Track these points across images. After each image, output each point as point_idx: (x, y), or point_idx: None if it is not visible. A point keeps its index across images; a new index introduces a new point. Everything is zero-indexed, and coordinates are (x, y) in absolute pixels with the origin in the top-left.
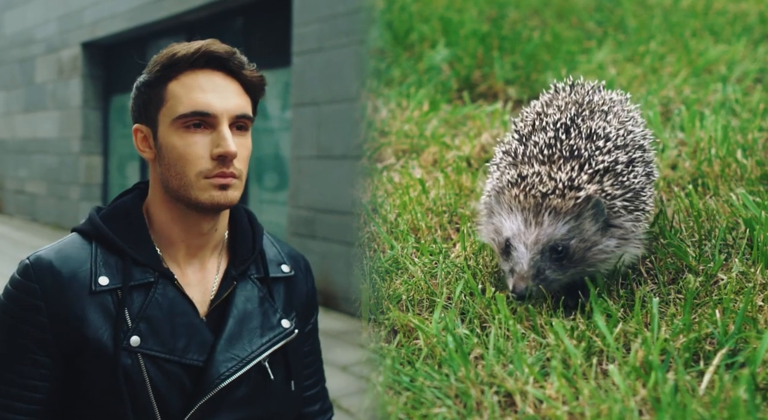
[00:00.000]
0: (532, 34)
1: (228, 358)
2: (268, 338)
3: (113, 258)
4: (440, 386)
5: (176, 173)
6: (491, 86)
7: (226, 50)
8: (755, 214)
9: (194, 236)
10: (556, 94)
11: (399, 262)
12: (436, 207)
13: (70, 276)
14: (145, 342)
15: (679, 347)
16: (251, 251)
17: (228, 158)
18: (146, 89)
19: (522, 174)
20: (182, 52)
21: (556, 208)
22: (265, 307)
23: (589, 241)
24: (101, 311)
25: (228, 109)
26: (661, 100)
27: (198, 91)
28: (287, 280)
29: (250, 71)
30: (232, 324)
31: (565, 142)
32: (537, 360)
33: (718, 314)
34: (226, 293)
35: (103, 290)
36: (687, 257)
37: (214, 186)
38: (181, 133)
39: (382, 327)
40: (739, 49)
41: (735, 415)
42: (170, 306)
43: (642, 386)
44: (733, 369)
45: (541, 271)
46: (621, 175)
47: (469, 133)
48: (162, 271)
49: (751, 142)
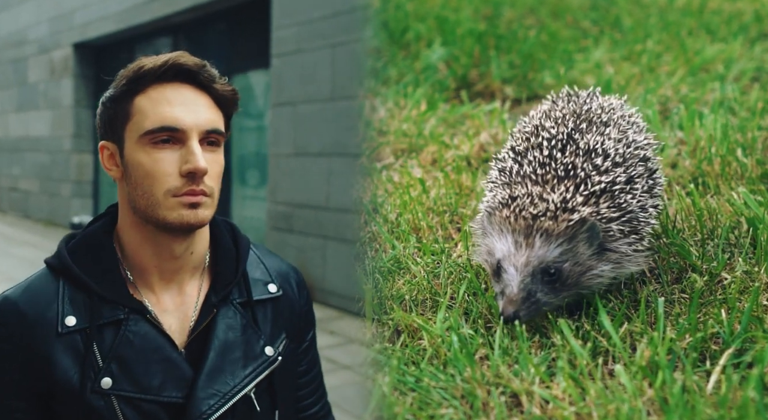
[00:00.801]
0: (528, 33)
1: (210, 394)
2: (252, 369)
3: (81, 295)
4: (446, 387)
5: (143, 192)
6: (488, 85)
7: (196, 63)
8: (757, 213)
9: (167, 260)
10: (554, 105)
11: (401, 262)
12: (437, 206)
13: (36, 317)
14: (117, 383)
15: (685, 347)
16: (233, 274)
17: (198, 175)
18: (112, 104)
19: (513, 195)
20: (149, 65)
21: (548, 230)
22: (248, 334)
23: (584, 266)
24: (70, 352)
25: (198, 123)
26: (659, 99)
27: (165, 105)
28: (275, 301)
29: (221, 84)
30: (213, 356)
31: (560, 160)
32: (542, 360)
33: (723, 314)
34: (205, 322)
35: (71, 331)
36: (690, 257)
37: (183, 204)
38: (148, 149)
39: (386, 327)
40: (735, 48)
41: (744, 416)
42: (142, 342)
43: (649, 386)
44: (741, 369)
45: (531, 294)
46: (618, 198)
47: (467, 132)
48: (132, 306)
49: (751, 140)
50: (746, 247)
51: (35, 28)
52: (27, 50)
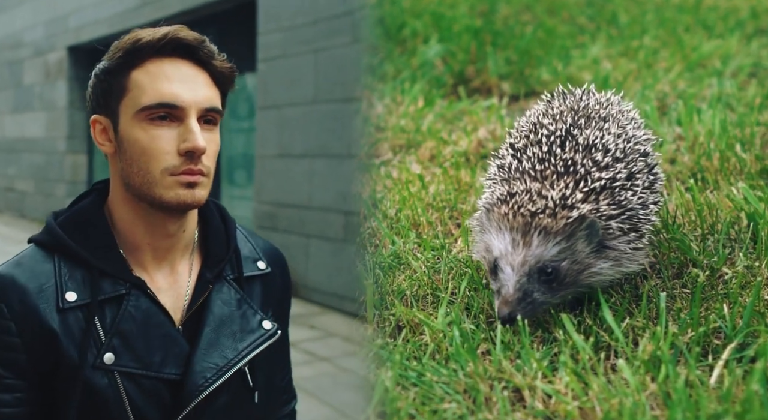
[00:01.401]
0: (524, 29)
1: (206, 367)
2: (249, 342)
3: (79, 271)
4: (449, 381)
5: (139, 169)
6: (485, 81)
7: (195, 38)
8: (757, 209)
9: (160, 238)
10: (550, 103)
11: (401, 257)
12: (436, 202)
13: (37, 294)
14: (120, 358)
15: (687, 342)
16: (226, 251)
17: (196, 154)
18: (106, 77)
19: (511, 191)
20: (147, 37)
21: (546, 227)
22: (244, 309)
23: (582, 264)
24: (71, 328)
25: (197, 101)
26: (657, 94)
27: (164, 81)
28: (264, 278)
29: (221, 61)
30: (208, 331)
31: (560, 156)
32: (545, 355)
33: (725, 308)
34: (201, 299)
35: (72, 306)
36: (691, 252)
37: (181, 184)
38: (144, 125)
39: (387, 323)
40: (732, 44)
41: (748, 409)
42: (144, 318)
43: (652, 381)
44: (743, 363)
45: (528, 293)
46: (618, 195)
47: (465, 128)
48: (133, 281)
49: (750, 136)
50: (747, 243)
51: (31, 31)
52: (23, 53)
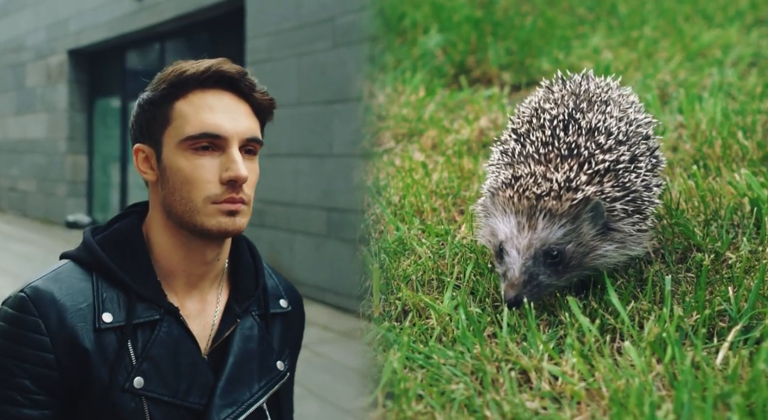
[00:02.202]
0: (524, 19)
1: (229, 402)
2: (266, 381)
3: (115, 292)
4: (456, 363)
5: (182, 198)
6: (486, 72)
7: (238, 70)
8: (760, 195)
9: (197, 265)
10: (549, 90)
11: (405, 243)
12: (439, 189)
13: (73, 310)
14: (149, 383)
15: (693, 324)
16: (255, 286)
17: (239, 183)
18: (150, 107)
19: (516, 174)
20: (191, 70)
21: (551, 210)
22: (264, 347)
23: (587, 246)
24: (104, 349)
25: (238, 131)
26: (658, 83)
27: (207, 112)
28: (284, 316)
29: (261, 93)
30: (232, 364)
31: (563, 140)
32: (551, 338)
33: (731, 291)
34: (229, 331)
35: (108, 327)
36: (695, 237)
37: (222, 212)
38: (188, 155)
39: (393, 307)
40: (732, 34)
41: (755, 388)
42: (175, 345)
43: (658, 362)
44: (749, 345)
45: (534, 276)
46: (622, 177)
47: (467, 116)
48: (167, 308)
49: (751, 124)
50: (750, 228)
51: (33, 35)
52: (25, 56)
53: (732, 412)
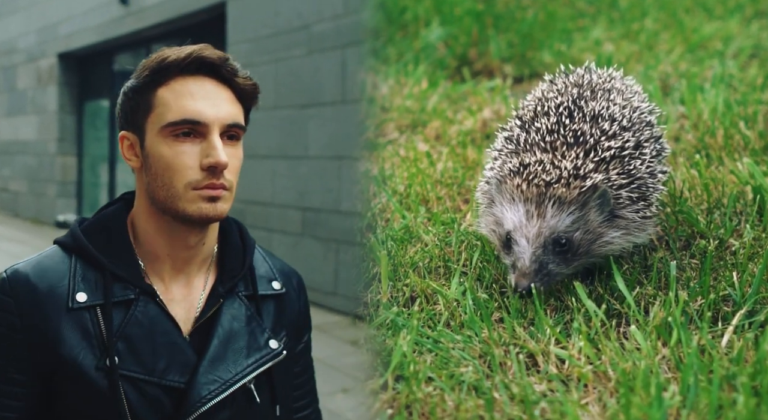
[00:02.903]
0: (525, 13)
1: (211, 379)
2: (255, 359)
3: (93, 273)
4: (464, 347)
5: (163, 183)
6: (487, 64)
7: (219, 56)
8: (763, 183)
9: (180, 249)
10: (552, 83)
11: (412, 231)
12: (444, 179)
13: (47, 290)
14: (123, 362)
15: (698, 308)
16: (240, 267)
17: (218, 169)
18: (134, 95)
19: (524, 162)
20: (173, 56)
21: (561, 198)
22: (253, 326)
23: (595, 233)
24: (78, 329)
25: (219, 117)
26: (659, 75)
27: (188, 98)
28: (278, 298)
29: (244, 78)
30: (216, 344)
31: (569, 127)
32: (557, 322)
33: (735, 277)
34: (211, 311)
35: (81, 307)
36: (698, 224)
37: (203, 198)
38: (169, 141)
39: (400, 294)
40: (732, 26)
41: (761, 370)
42: (151, 324)
43: (663, 346)
44: (753, 328)
45: (543, 265)
46: (628, 164)
47: (470, 107)
48: (143, 288)
49: (753, 114)
50: (753, 215)
51: (24, 38)
52: (16, 59)
53: (738, 393)
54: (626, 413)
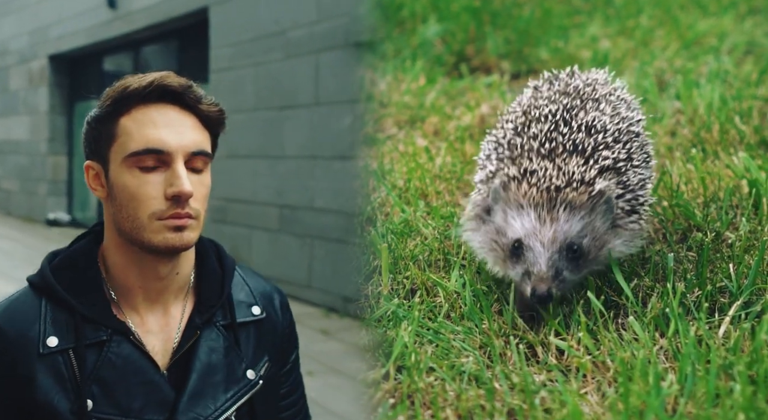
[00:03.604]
0: (521, 9)
1: (191, 417)
2: (233, 393)
3: (63, 314)
4: (465, 338)
5: (128, 214)
6: (485, 60)
7: (181, 83)
8: (758, 177)
9: (152, 281)
10: (538, 90)
11: (411, 225)
12: (443, 174)
13: (17, 336)
14: (98, 406)
15: (695, 300)
16: (218, 296)
17: (182, 198)
18: (96, 124)
19: (528, 168)
20: (134, 85)
21: (572, 202)
22: (231, 358)
23: (601, 240)
24: (52, 373)
25: (183, 145)
26: (655, 71)
27: (151, 127)
28: (258, 323)
29: (207, 105)
30: (195, 379)
31: (567, 135)
32: (556, 313)
33: (731, 268)
34: (188, 344)
35: (52, 352)
36: (695, 217)
37: (168, 227)
38: (133, 171)
39: (401, 286)
40: (727, 23)
41: (757, 359)
42: (125, 364)
43: (661, 336)
44: (749, 319)
45: (559, 271)
46: (623, 175)
47: (468, 103)
48: (115, 327)
49: (747, 109)
50: (749, 208)
51: (16, 40)
52: (8, 60)
53: (735, 381)
54: (625, 402)
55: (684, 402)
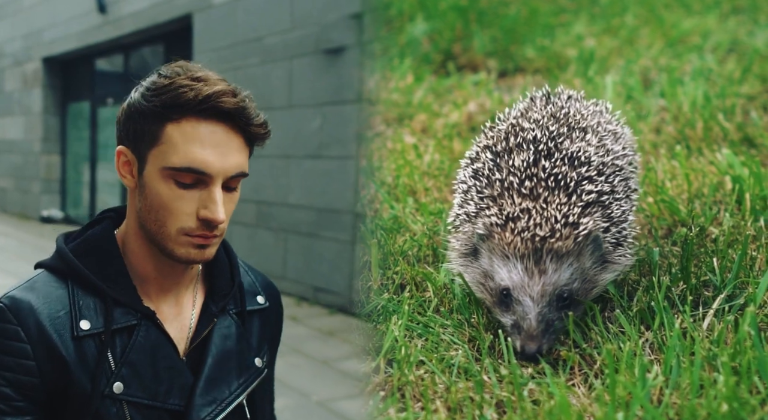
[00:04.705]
0: (508, 8)
1: (208, 401)
2: (244, 379)
3: (92, 299)
4: (454, 332)
5: (156, 219)
6: (471, 59)
7: (236, 105)
8: (741, 173)
9: (168, 275)
10: (533, 102)
11: (400, 221)
12: (431, 170)
13: (51, 318)
14: (129, 388)
15: (679, 293)
16: (230, 285)
17: (214, 224)
18: (139, 118)
19: (509, 214)
20: (189, 95)
21: (558, 251)
22: (242, 345)
23: (591, 281)
24: (83, 356)
25: (225, 168)
26: (640, 69)
27: (197, 145)
28: (261, 313)
29: (256, 126)
30: (211, 364)
31: (548, 170)
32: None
33: (715, 262)
34: (206, 331)
35: (86, 335)
36: (680, 213)
37: (193, 244)
38: (170, 183)
39: (390, 281)
40: (710, 22)
41: (740, 351)
42: (153, 349)
43: (646, 329)
44: (733, 311)
45: (550, 323)
46: (607, 208)
47: (455, 101)
48: (144, 312)
49: (731, 107)
50: (732, 204)
51: (11, 43)
52: (3, 63)
53: (718, 372)
54: (611, 393)
55: (669, 393)
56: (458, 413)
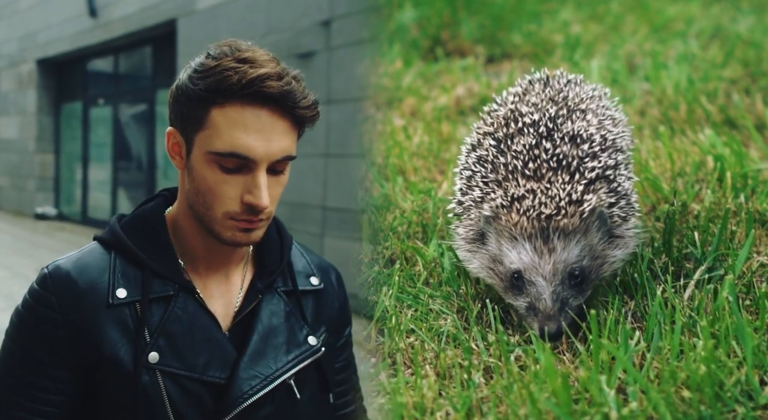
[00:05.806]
0: None
1: (252, 375)
2: (294, 355)
3: (132, 269)
4: (443, 302)
5: (203, 202)
6: (459, 45)
7: (282, 89)
8: (722, 152)
9: (216, 253)
10: (530, 87)
11: (390, 199)
12: (420, 151)
13: (87, 287)
14: (164, 358)
15: (661, 265)
16: (278, 263)
17: (258, 209)
18: (186, 101)
19: (513, 195)
20: (234, 79)
21: (565, 229)
22: (292, 322)
23: (600, 257)
24: (119, 325)
25: (269, 153)
26: (625, 54)
27: (241, 130)
28: (316, 294)
29: (303, 109)
30: (256, 339)
31: (550, 150)
32: None
33: (696, 236)
34: (250, 307)
35: (121, 303)
36: (663, 190)
37: (239, 228)
38: (214, 168)
39: (380, 256)
40: (694, 8)
41: (719, 318)
42: (190, 320)
43: (630, 299)
44: (713, 282)
45: (565, 302)
46: (613, 182)
47: (444, 85)
48: (182, 284)
49: (713, 90)
50: (713, 182)
51: (6, 45)
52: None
53: (698, 338)
54: (595, 358)
55: (651, 357)
56: (447, 378)
